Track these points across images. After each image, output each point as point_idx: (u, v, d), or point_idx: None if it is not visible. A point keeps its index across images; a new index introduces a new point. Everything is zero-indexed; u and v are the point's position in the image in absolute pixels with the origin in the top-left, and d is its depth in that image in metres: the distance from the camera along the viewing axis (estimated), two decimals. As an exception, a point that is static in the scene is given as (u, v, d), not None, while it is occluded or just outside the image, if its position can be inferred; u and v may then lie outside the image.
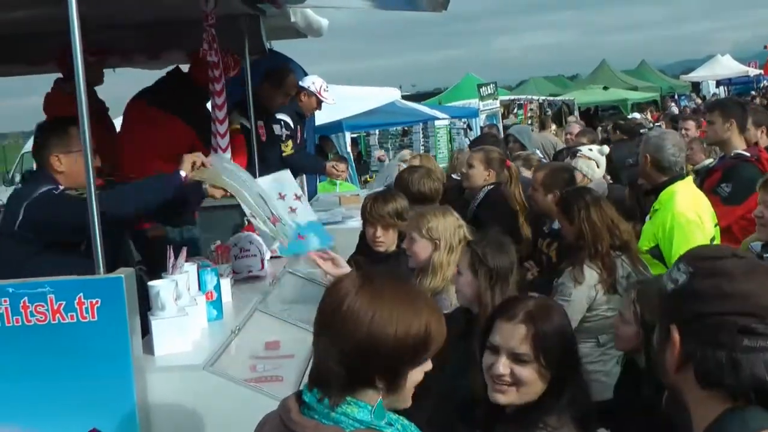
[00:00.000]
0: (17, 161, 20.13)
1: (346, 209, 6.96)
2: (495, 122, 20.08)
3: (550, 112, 26.64)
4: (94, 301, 3.09)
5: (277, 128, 7.00)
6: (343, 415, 2.00)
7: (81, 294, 3.09)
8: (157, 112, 5.55)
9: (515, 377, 2.68)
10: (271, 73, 6.68)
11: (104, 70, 6.27)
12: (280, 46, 7.44)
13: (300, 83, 7.49)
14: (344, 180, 9.33)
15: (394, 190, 5.13)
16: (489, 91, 20.66)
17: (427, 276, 4.08)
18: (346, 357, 2.00)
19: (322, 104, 7.73)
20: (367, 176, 14.67)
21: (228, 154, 5.06)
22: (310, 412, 2.03)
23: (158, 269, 3.70)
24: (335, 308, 2.04)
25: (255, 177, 5.26)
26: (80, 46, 3.06)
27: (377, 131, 18.43)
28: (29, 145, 14.38)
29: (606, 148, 7.13)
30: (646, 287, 3.60)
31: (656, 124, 19.01)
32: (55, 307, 3.11)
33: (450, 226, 4.17)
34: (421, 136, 18.59)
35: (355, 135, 16.73)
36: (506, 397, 2.71)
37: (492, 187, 5.89)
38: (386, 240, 4.68)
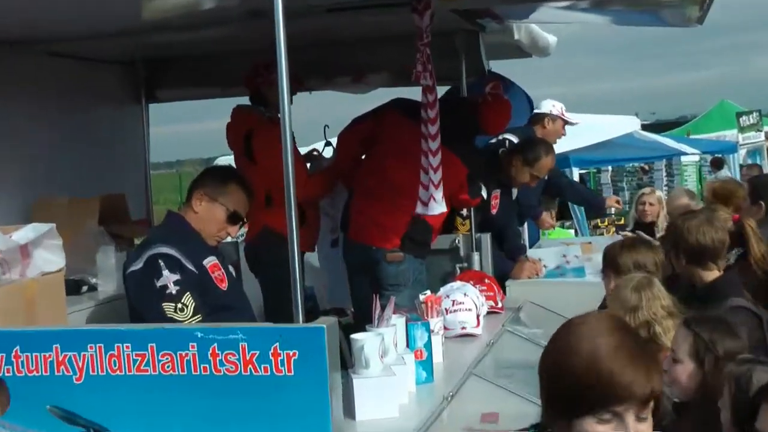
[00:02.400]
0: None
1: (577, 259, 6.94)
2: (758, 160, 19.34)
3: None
4: (291, 352, 3.15)
5: None
6: None
7: (277, 344, 3.16)
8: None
9: None
10: (525, 147, 6.72)
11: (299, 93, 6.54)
12: (497, 66, 7.54)
13: (536, 110, 7.58)
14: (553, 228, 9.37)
15: (649, 240, 5.05)
16: (751, 121, 19.95)
17: None
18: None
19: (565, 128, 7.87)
20: (598, 221, 14.43)
21: (439, 193, 5.12)
22: None
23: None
24: (566, 331, 2.24)
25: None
26: (286, 66, 3.20)
27: (610, 168, 18.15)
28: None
29: None
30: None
31: None
32: (248, 357, 3.20)
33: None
34: (665, 174, 18.16)
35: (583, 171, 16.54)
36: None
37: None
38: None
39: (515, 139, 7.17)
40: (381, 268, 5.67)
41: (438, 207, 5.16)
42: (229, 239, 5.00)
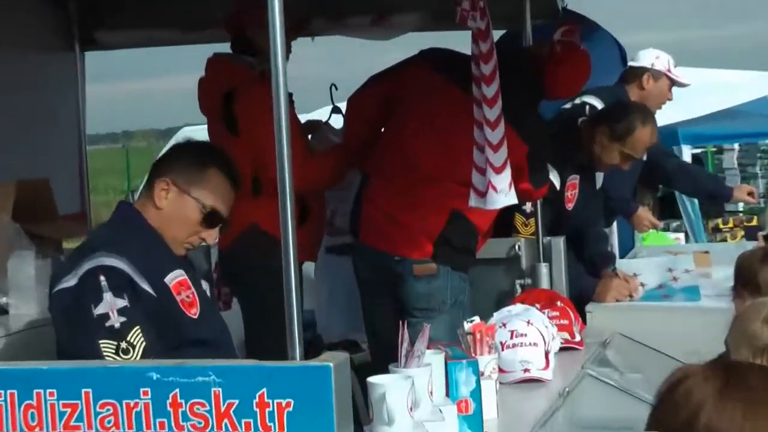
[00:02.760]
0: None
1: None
2: None
3: None
4: (283, 402, 3.17)
5: None
6: None
7: (264, 390, 3.19)
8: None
9: None
10: (613, 115, 6.74)
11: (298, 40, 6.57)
12: (576, 2, 7.57)
13: (631, 63, 7.59)
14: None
15: None
16: None
17: None
18: None
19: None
20: (719, 221, 14.37)
21: (504, 180, 5.12)
22: None
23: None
24: (686, 423, 2.08)
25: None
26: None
27: (737, 146, 18.09)
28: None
29: None
30: None
31: None
32: (223, 409, 3.22)
33: None
34: (818, 156, 18.13)
35: (698, 151, 16.49)
36: None
37: None
38: None
39: (599, 104, 7.18)
40: (406, 285, 5.69)
41: (502, 198, 5.17)
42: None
